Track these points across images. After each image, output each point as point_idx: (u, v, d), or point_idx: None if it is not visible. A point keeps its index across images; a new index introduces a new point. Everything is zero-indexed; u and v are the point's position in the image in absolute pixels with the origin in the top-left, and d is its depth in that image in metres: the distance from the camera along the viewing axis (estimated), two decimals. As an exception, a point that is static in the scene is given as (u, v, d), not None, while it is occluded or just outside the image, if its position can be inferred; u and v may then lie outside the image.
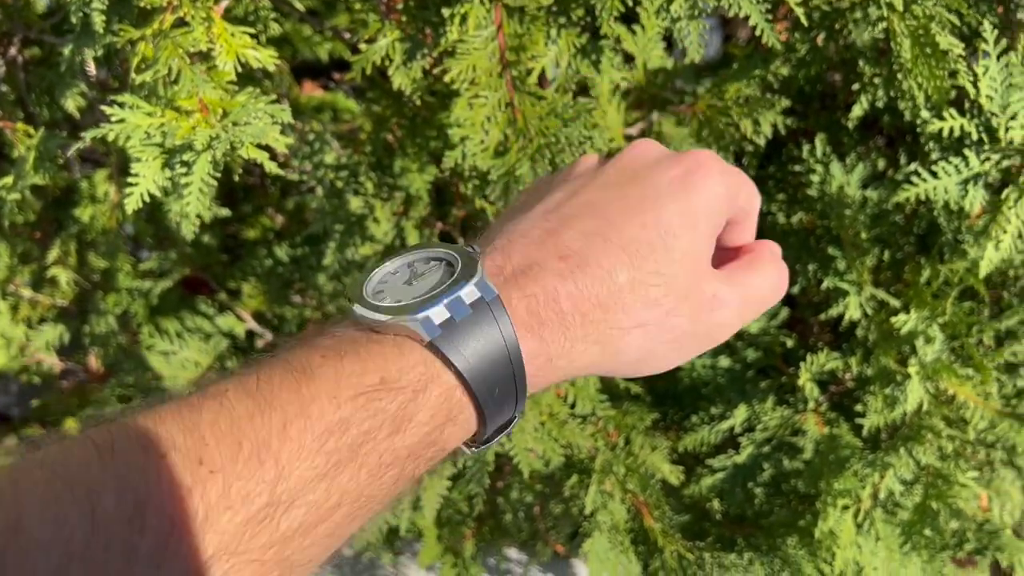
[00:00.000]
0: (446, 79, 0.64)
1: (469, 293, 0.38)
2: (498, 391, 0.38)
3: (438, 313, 0.37)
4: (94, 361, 1.21)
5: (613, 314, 0.40)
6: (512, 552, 1.08)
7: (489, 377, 0.37)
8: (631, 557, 0.87)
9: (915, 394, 0.75)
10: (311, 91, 1.39)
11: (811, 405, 0.87)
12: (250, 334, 1.03)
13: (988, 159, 0.68)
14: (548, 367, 0.40)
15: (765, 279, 0.46)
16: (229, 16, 0.67)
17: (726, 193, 0.44)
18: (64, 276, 1.07)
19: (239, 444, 0.31)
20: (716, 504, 0.93)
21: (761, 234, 0.49)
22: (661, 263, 0.41)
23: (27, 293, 1.11)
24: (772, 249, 0.48)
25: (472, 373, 0.37)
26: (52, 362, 1.21)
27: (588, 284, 0.40)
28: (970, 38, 0.70)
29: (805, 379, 0.84)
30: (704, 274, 0.43)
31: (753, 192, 0.47)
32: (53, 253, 1.07)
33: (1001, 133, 0.67)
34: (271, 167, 0.61)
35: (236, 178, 0.74)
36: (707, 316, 0.43)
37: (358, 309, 0.38)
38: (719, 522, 0.95)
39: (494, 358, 0.37)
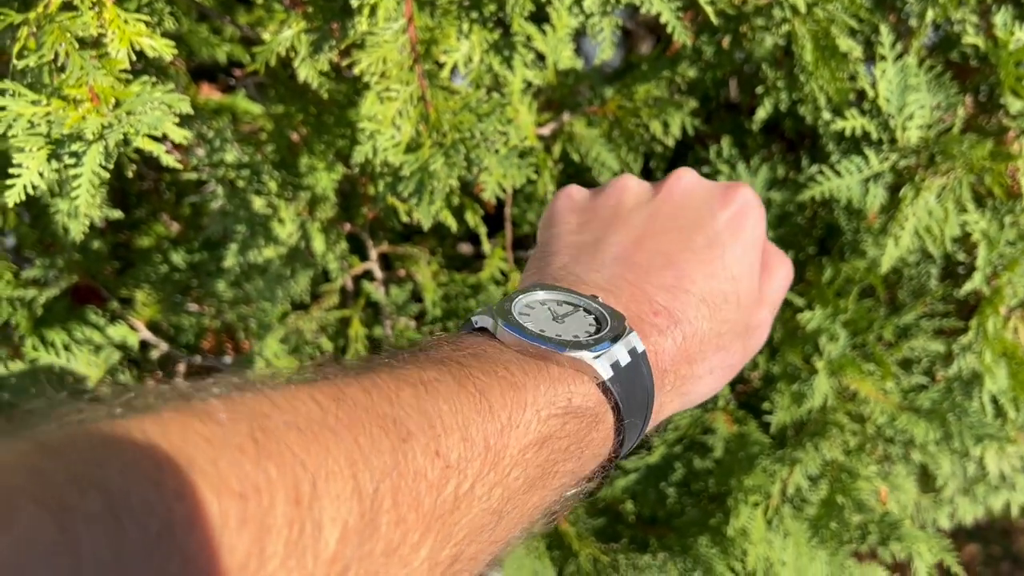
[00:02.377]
0: (356, 71, 0.62)
1: (628, 342, 0.39)
2: (634, 436, 0.39)
3: (611, 355, 0.38)
4: (-30, 378, 1.12)
5: (696, 366, 0.43)
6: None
7: (637, 426, 0.39)
8: (546, 563, 0.86)
9: (821, 389, 0.77)
10: (209, 94, 1.33)
11: (720, 403, 0.88)
12: (144, 344, 0.98)
13: (887, 159, 0.70)
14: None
15: (782, 279, 0.50)
16: (121, 5, 0.63)
17: (764, 225, 0.48)
18: (-64, 286, 0.99)
19: (464, 440, 0.32)
20: (629, 506, 0.93)
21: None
22: (732, 309, 0.44)
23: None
24: (773, 246, 0.51)
25: (628, 415, 0.38)
26: (-78, 380, 1.12)
27: (682, 339, 0.42)
28: (868, 43, 0.73)
29: (715, 378, 0.85)
30: (755, 307, 0.46)
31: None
32: (-77, 261, 0.99)
33: (899, 134, 0.70)
34: (168, 159, 0.57)
35: (129, 178, 0.70)
36: (752, 342, 0.47)
37: (515, 333, 0.38)
38: (632, 524, 0.95)
39: (642, 406, 0.39)
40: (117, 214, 0.83)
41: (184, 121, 0.58)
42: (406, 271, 0.87)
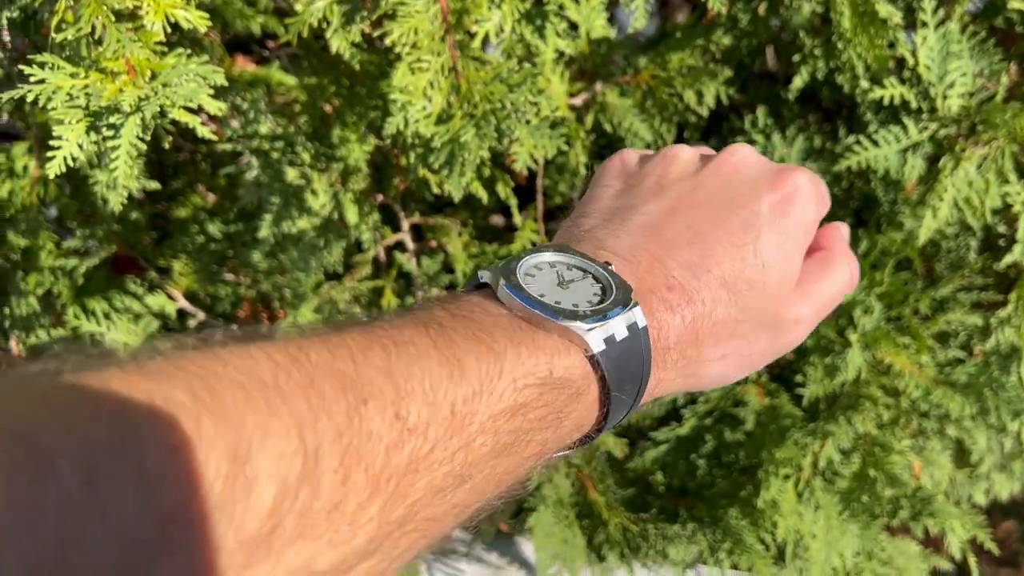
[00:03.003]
0: (387, 42, 0.62)
1: (629, 316, 0.38)
2: (621, 410, 0.39)
3: (607, 328, 0.37)
4: (15, 345, 1.15)
5: (705, 348, 0.42)
6: (455, 531, 1.07)
7: (627, 401, 0.39)
8: (576, 531, 0.87)
9: (855, 362, 0.77)
10: (244, 65, 1.34)
11: (752, 376, 0.88)
12: (181, 313, 0.99)
13: (926, 128, 0.69)
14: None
15: (837, 282, 0.47)
16: (156, -24, 0.64)
17: (817, 214, 0.45)
18: (-19, 256, 1.02)
19: (432, 404, 0.32)
20: (659, 477, 0.94)
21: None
22: (756, 298, 0.42)
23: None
24: (842, 239, 0.49)
25: (615, 389, 0.38)
26: (-31, 347, 1.15)
27: (692, 319, 0.41)
28: (909, 9, 0.71)
29: (747, 350, 0.84)
30: (788, 299, 0.44)
31: (827, 193, 0.48)
32: (-32, 231, 1.01)
33: (939, 103, 0.68)
34: (203, 131, 0.58)
35: (166, 149, 0.71)
36: (785, 337, 0.45)
37: (513, 294, 0.38)
38: (662, 495, 0.95)
39: (635, 382, 0.39)
40: (154, 185, 0.85)
41: (219, 93, 0.58)
42: (437, 242, 0.88)
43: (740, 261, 0.42)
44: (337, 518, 0.28)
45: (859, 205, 0.91)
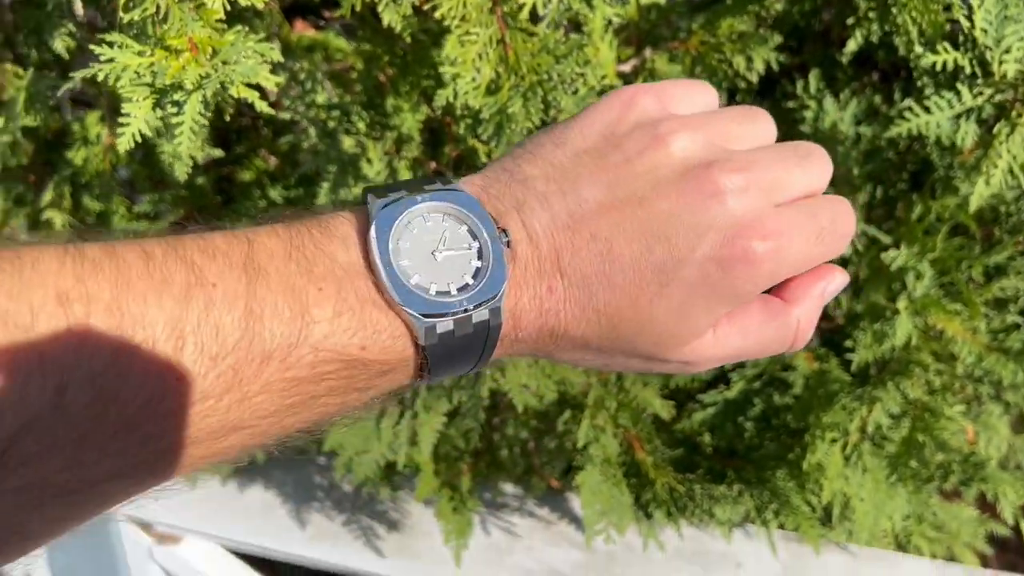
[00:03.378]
0: (436, 15, 0.63)
1: (480, 314, 0.37)
2: (448, 369, 0.38)
3: (444, 325, 0.36)
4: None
5: (558, 352, 0.41)
6: (508, 487, 1.11)
7: (451, 367, 0.38)
8: (623, 489, 0.89)
9: (904, 329, 0.77)
10: (302, 30, 1.37)
11: (801, 341, 0.88)
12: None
13: (981, 93, 0.68)
14: (514, 343, 0.40)
15: (766, 343, 0.42)
16: (216, -48, 0.66)
17: (768, 281, 0.40)
18: (59, 219, 1.07)
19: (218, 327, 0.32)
20: (707, 438, 0.95)
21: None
22: (629, 338, 0.40)
23: (23, 237, 1.11)
24: (814, 296, 0.43)
25: (436, 376, 0.38)
26: (50, 305, 1.21)
27: (555, 326, 0.39)
28: (966, -29, 0.70)
29: (796, 316, 0.85)
30: (676, 346, 0.40)
31: (842, 236, 0.41)
32: (47, 196, 1.06)
33: (995, 67, 0.67)
34: (261, 106, 0.61)
35: (228, 119, 0.74)
36: (662, 368, 0.42)
37: (382, 256, 0.36)
38: (709, 456, 0.97)
39: (466, 366, 0.38)
40: (218, 153, 0.88)
41: (276, 67, 0.61)
42: (490, 207, 0.90)
43: (630, 301, 0.38)
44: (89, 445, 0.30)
45: (916, 168, 0.90)
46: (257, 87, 0.61)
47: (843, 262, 0.87)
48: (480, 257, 0.38)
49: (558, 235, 0.38)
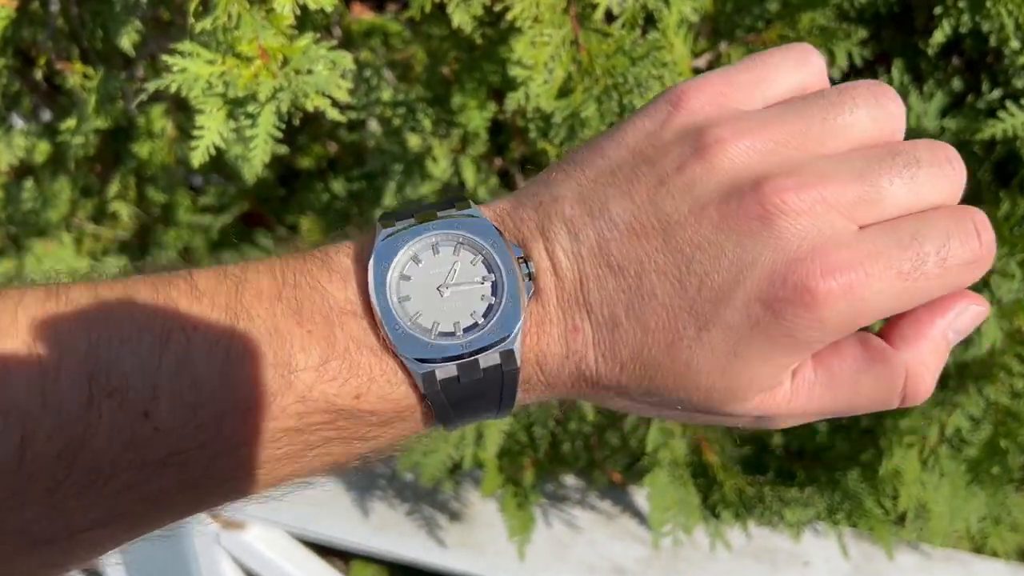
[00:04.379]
0: (508, 17, 0.62)
1: (490, 359, 0.32)
2: (466, 418, 0.35)
3: (446, 371, 0.32)
4: (158, 292, 1.23)
5: (595, 396, 0.35)
6: (569, 479, 1.10)
7: (464, 415, 0.34)
8: (690, 490, 0.88)
9: (990, 334, 0.74)
10: (360, 13, 1.36)
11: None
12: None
13: (1082, 92, 0.64)
14: (530, 393, 0.36)
15: (865, 399, 0.34)
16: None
17: (834, 331, 0.31)
18: (125, 210, 1.09)
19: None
20: (777, 438, 0.93)
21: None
22: (664, 392, 0.34)
23: (90, 227, 1.13)
24: (936, 347, 0.33)
25: (445, 419, 0.34)
26: (117, 293, 1.23)
27: (581, 371, 0.34)
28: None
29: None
30: (732, 400, 0.34)
31: (962, 265, 0.32)
32: (113, 187, 1.08)
33: (1098, 64, 0.63)
34: (334, 114, 0.60)
35: (296, 123, 0.73)
36: (726, 422, 0.36)
37: (380, 298, 0.32)
38: (779, 455, 0.95)
39: (484, 412, 0.34)
40: (284, 150, 0.88)
41: (345, 71, 0.60)
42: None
43: (663, 347, 0.32)
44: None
45: (1002, 156, 0.86)
46: (329, 95, 0.61)
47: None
48: (494, 292, 0.33)
49: (584, 264, 0.33)
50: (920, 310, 0.33)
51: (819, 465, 0.91)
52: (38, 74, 0.92)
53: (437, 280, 0.33)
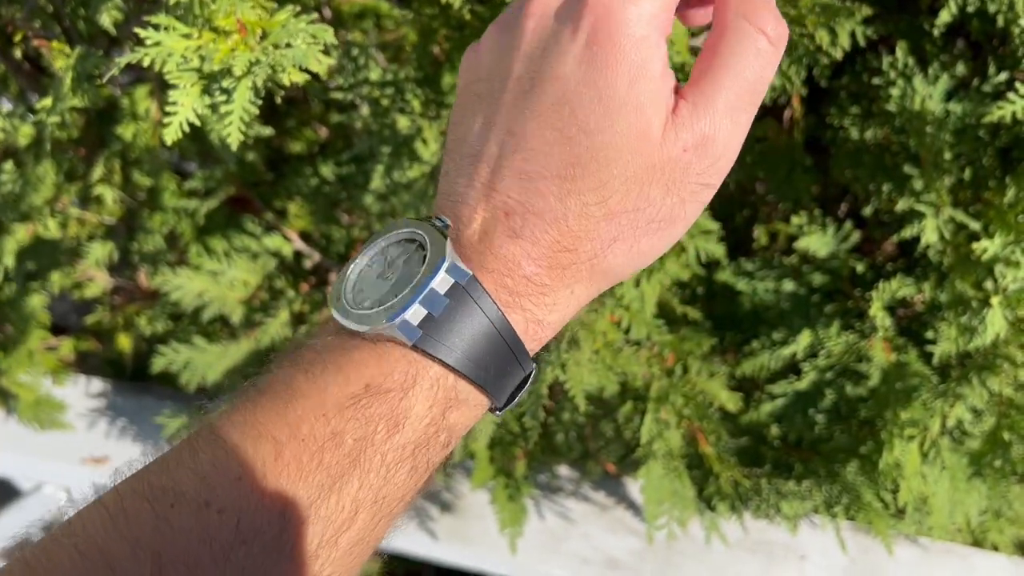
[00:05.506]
0: (499, -8, 0.59)
1: (442, 282, 0.35)
2: (494, 368, 0.36)
3: (415, 313, 0.35)
4: (144, 278, 1.21)
5: (581, 249, 0.36)
6: (563, 470, 1.08)
7: (481, 358, 0.36)
8: (685, 482, 0.86)
9: (995, 325, 0.71)
10: (353, -5, 1.33)
11: (880, 333, 0.83)
12: (297, 254, 1.01)
13: (1094, 72, 0.61)
14: (540, 327, 0.37)
15: (744, 77, 0.36)
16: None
17: (652, 22, 0.34)
18: (110, 194, 1.06)
19: (239, 479, 0.31)
20: (774, 430, 0.91)
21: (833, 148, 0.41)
22: (599, 172, 0.35)
23: (75, 212, 1.11)
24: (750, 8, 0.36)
25: (461, 360, 0.35)
26: (103, 279, 1.21)
27: (540, 235, 0.36)
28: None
29: (876, 309, 0.80)
30: (657, 139, 0.35)
31: None
32: (98, 171, 1.05)
33: (1111, 43, 0.61)
34: (314, 90, 0.57)
35: (278, 100, 0.71)
36: (687, 177, 0.36)
37: (337, 316, 0.36)
38: (776, 447, 0.93)
39: (483, 338, 0.36)
40: (268, 131, 0.85)
41: (327, 45, 0.57)
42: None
43: (563, 143, 0.35)
44: None
45: (1007, 143, 0.83)
46: (309, 70, 0.58)
47: (926, 248, 0.81)
48: (422, 248, 0.37)
49: (478, 174, 0.37)
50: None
51: (817, 457, 0.89)
52: (16, 53, 0.89)
53: (379, 271, 0.38)
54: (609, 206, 0.36)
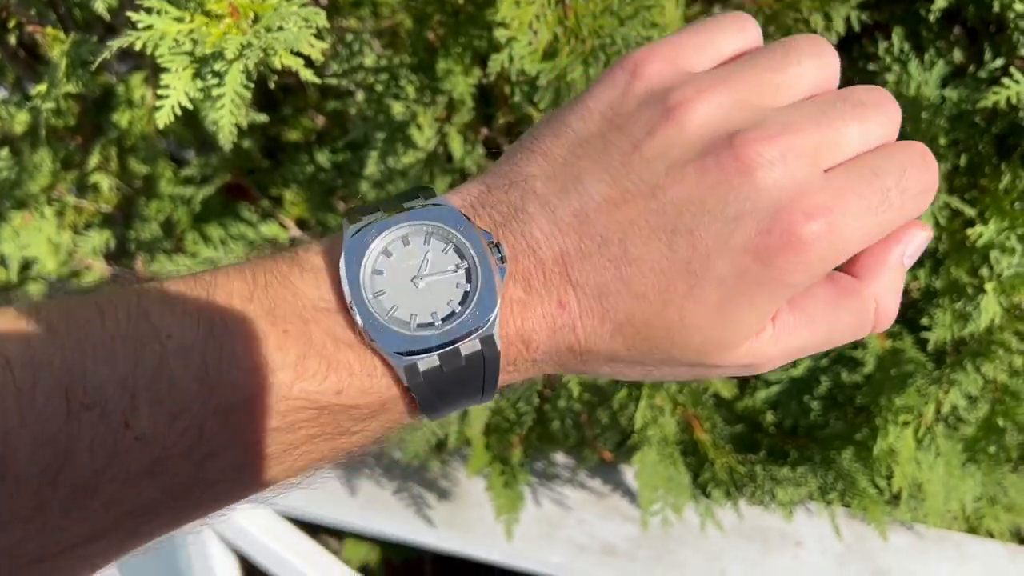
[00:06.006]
0: (492, -25, 0.59)
1: (470, 346, 0.33)
2: (450, 406, 0.35)
3: (427, 361, 0.32)
4: (141, 266, 1.21)
5: (587, 365, 0.35)
6: (559, 457, 1.08)
7: (449, 403, 0.34)
8: (680, 469, 0.86)
9: (989, 310, 0.71)
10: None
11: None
12: (293, 242, 1.01)
13: (1089, 56, 0.61)
14: (518, 372, 0.36)
15: (840, 330, 0.36)
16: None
17: (830, 262, 0.33)
18: (106, 182, 1.06)
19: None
20: (769, 417, 0.91)
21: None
22: (661, 350, 0.34)
23: (71, 200, 1.11)
24: (892, 266, 0.36)
25: (431, 409, 0.34)
26: (100, 267, 1.21)
27: (572, 344, 0.34)
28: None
29: (870, 293, 0.80)
30: (723, 352, 0.34)
31: (917, 194, 0.34)
32: (94, 159, 1.05)
33: (1106, 27, 0.61)
34: (306, 74, 0.57)
35: (272, 85, 0.71)
36: (712, 374, 0.36)
37: (355, 309, 0.32)
38: (772, 434, 0.93)
39: (467, 397, 0.34)
40: (262, 119, 0.85)
41: (321, 30, 0.57)
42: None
43: (656, 310, 0.33)
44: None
45: (1003, 130, 0.83)
46: (302, 54, 0.58)
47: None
48: (468, 279, 0.33)
49: (563, 240, 0.33)
50: (876, 243, 0.35)
51: (812, 444, 0.89)
52: (11, 40, 0.89)
53: (410, 272, 0.34)
54: (638, 367, 0.35)
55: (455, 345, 0.32)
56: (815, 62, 0.35)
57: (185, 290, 0.32)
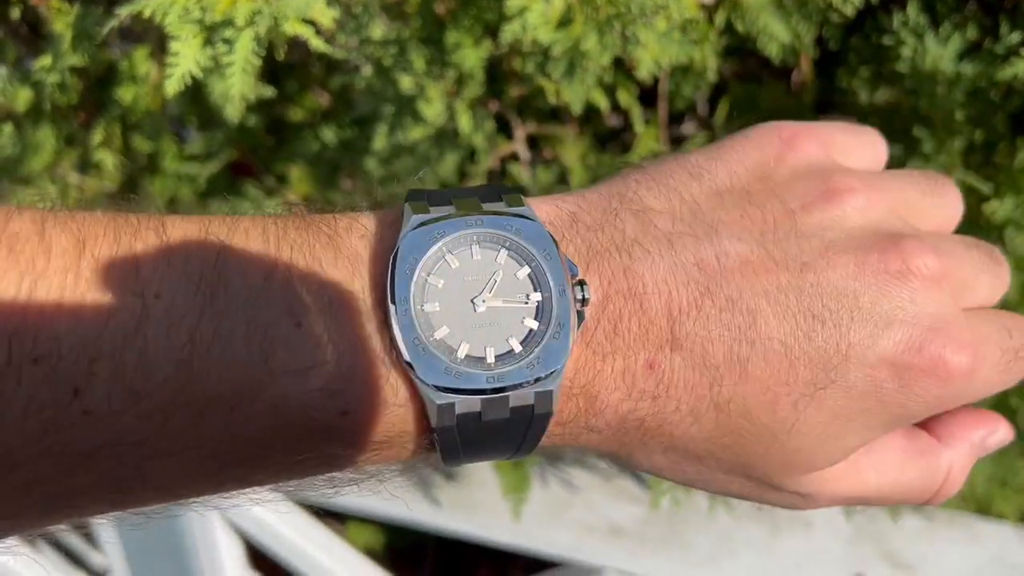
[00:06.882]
0: (505, -58, 0.58)
1: (522, 397, 0.27)
2: (475, 459, 0.30)
3: (467, 405, 0.27)
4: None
5: (647, 451, 0.32)
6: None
7: (471, 455, 0.30)
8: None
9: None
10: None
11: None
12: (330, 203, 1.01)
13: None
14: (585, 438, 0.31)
15: (908, 487, 0.34)
16: None
17: (962, 397, 0.32)
18: (110, 160, 1.05)
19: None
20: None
21: (840, 111, 0.42)
22: (749, 454, 0.31)
23: (74, 178, 1.10)
24: (974, 444, 0.35)
25: (450, 458, 0.29)
26: (104, 247, 1.20)
27: (646, 418, 0.30)
28: None
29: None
30: (801, 475, 0.32)
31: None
32: (97, 136, 1.04)
33: None
34: (317, 43, 0.57)
35: (281, 56, 0.70)
36: (769, 498, 0.33)
37: (395, 317, 0.26)
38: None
39: (493, 452, 0.29)
40: (270, 92, 0.84)
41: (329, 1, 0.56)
42: (553, 152, 0.85)
43: (766, 402, 0.28)
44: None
45: (1018, 106, 0.82)
46: (311, 22, 0.57)
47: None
48: (538, 316, 0.27)
49: (679, 291, 0.28)
50: (964, 414, 0.34)
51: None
52: (15, 13, 0.88)
53: (471, 290, 0.28)
54: (706, 463, 0.32)
55: (505, 393, 0.27)
56: (948, 199, 0.36)
57: (189, 241, 0.26)
